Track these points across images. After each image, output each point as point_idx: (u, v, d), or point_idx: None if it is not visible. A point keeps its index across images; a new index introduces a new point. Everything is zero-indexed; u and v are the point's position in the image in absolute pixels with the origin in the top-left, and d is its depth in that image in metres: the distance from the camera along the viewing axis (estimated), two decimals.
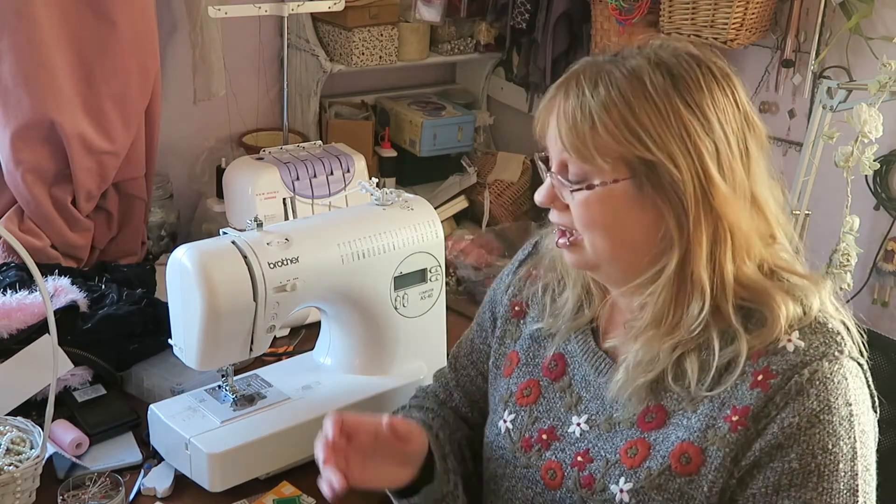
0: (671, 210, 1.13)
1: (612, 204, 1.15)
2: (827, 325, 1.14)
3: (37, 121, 1.94)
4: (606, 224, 1.16)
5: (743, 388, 1.13)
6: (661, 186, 1.12)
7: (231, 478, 1.48)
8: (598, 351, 1.27)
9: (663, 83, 1.12)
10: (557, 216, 1.21)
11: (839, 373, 1.12)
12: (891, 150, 2.04)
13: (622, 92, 1.12)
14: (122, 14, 1.97)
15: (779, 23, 2.18)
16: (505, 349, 1.39)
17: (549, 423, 1.29)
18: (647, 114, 1.11)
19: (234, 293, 1.44)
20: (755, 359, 1.13)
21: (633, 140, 1.11)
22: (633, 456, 1.18)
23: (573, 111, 1.14)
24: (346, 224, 1.61)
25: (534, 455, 1.28)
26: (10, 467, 1.36)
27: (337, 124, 2.61)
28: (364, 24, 2.45)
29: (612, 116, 1.11)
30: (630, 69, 1.13)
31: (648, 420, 1.19)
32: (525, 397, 1.32)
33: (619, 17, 2.23)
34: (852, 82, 1.99)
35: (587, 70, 1.16)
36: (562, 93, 1.16)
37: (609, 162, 1.13)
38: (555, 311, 1.33)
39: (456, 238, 2.39)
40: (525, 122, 2.82)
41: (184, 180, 2.47)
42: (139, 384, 1.73)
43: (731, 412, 1.13)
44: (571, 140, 1.14)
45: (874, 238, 2.11)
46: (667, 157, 1.11)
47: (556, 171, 1.19)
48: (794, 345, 1.12)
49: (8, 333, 1.63)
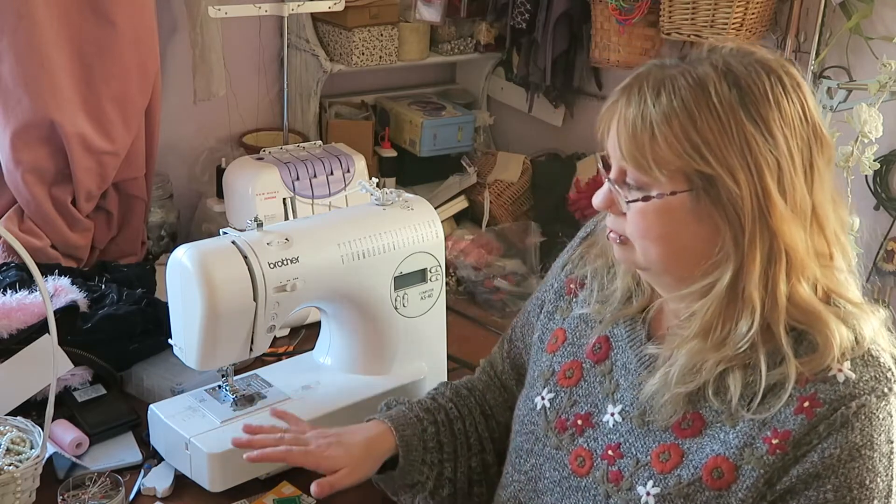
0: (728, 225, 1.11)
1: (668, 216, 1.13)
2: (879, 360, 1.12)
3: (37, 121, 1.94)
4: (661, 235, 1.14)
5: (787, 411, 1.11)
6: (719, 201, 1.10)
7: (231, 478, 1.48)
8: (644, 343, 1.26)
9: (728, 95, 1.09)
10: (613, 221, 1.20)
11: (885, 409, 1.10)
12: (891, 150, 2.04)
13: (685, 102, 1.09)
14: (122, 14, 1.97)
15: (779, 23, 2.18)
16: (553, 325, 1.38)
17: (586, 408, 1.28)
18: (709, 127, 1.08)
19: (234, 293, 1.44)
20: (803, 384, 1.11)
21: (693, 153, 1.09)
22: (664, 461, 1.17)
23: (634, 120, 1.11)
24: (346, 224, 1.61)
25: (566, 438, 1.28)
26: (10, 467, 1.36)
27: (337, 124, 2.61)
28: (364, 24, 2.45)
29: (673, 128, 1.09)
30: (696, 78, 1.10)
31: (684, 427, 1.17)
32: (567, 378, 1.32)
33: (620, 17, 2.23)
34: (852, 82, 1.99)
35: (651, 76, 1.12)
36: (624, 98, 1.13)
37: (667, 174, 1.10)
38: (603, 297, 1.32)
39: (456, 238, 2.39)
40: (525, 122, 2.82)
41: (184, 180, 2.47)
42: (139, 384, 1.73)
43: (772, 434, 1.11)
44: (630, 150, 1.12)
45: (874, 238, 2.11)
46: (726, 171, 1.08)
47: (615, 179, 1.16)
48: (845, 375, 1.10)
49: (8, 333, 1.63)
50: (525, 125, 2.84)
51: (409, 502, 1.43)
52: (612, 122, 1.15)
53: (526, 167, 2.67)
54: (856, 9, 2.01)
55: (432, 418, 1.44)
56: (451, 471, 1.43)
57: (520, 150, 2.79)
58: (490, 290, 2.21)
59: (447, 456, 1.43)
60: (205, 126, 2.48)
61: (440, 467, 1.42)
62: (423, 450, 1.41)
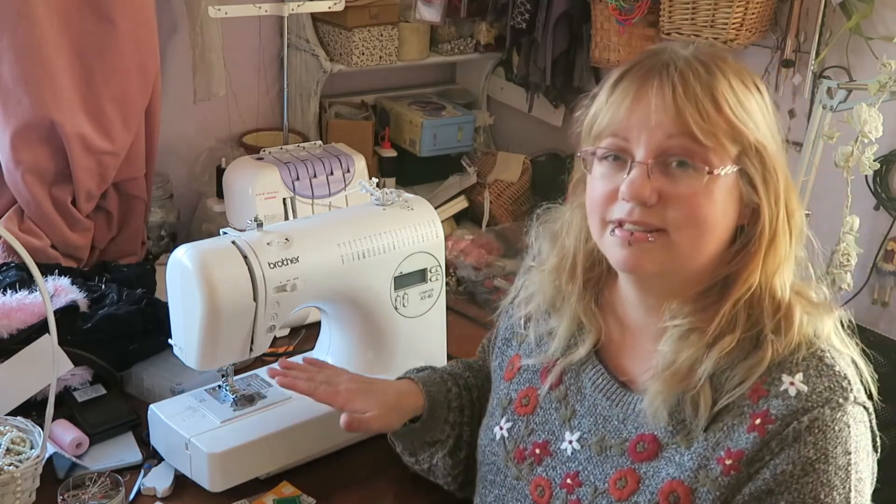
0: (767, 201, 1.11)
1: (723, 194, 1.11)
2: (834, 368, 1.11)
3: (37, 121, 1.94)
4: (713, 215, 1.11)
5: (740, 430, 1.10)
6: (766, 175, 1.11)
7: (231, 478, 1.48)
8: (597, 364, 1.25)
9: (744, 72, 1.13)
10: (643, 214, 1.11)
11: (841, 420, 1.08)
12: (891, 150, 2.04)
13: (730, 76, 1.11)
14: (122, 14, 1.97)
15: (779, 23, 2.18)
16: (511, 351, 1.38)
17: (543, 436, 1.27)
18: (752, 100, 1.12)
19: (234, 293, 1.44)
20: (755, 399, 1.10)
21: (750, 122, 1.10)
22: (621, 488, 1.16)
23: (695, 92, 1.08)
24: (346, 224, 1.61)
25: (525, 468, 1.27)
26: (10, 467, 1.36)
27: (337, 124, 2.61)
28: (364, 24, 2.45)
29: (731, 98, 1.09)
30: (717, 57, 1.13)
31: (640, 450, 1.16)
32: (523, 406, 1.31)
33: (620, 17, 2.23)
34: (852, 82, 1.99)
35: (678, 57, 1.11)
36: (665, 77, 1.10)
37: (728, 146, 1.10)
38: (541, 344, 1.31)
39: (456, 238, 2.39)
40: (525, 122, 2.82)
41: (184, 180, 2.47)
42: (139, 384, 1.73)
43: (725, 454, 1.10)
44: (696, 121, 1.08)
45: (874, 238, 2.11)
46: (773, 142, 1.12)
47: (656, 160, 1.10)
48: (797, 388, 1.09)
49: (8, 333, 1.63)
50: (525, 125, 2.84)
51: (428, 461, 1.44)
52: (653, 101, 1.10)
53: (526, 167, 2.67)
54: (856, 9, 2.01)
55: (455, 382, 1.47)
56: (469, 434, 1.44)
57: (520, 150, 2.79)
58: (490, 290, 2.21)
59: (466, 419, 1.45)
60: (205, 126, 2.48)
61: (460, 429, 1.44)
62: (447, 409, 1.43)
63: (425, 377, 1.47)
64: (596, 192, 1.16)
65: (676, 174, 1.10)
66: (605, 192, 1.14)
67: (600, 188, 1.15)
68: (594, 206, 1.17)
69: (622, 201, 1.12)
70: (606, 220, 1.15)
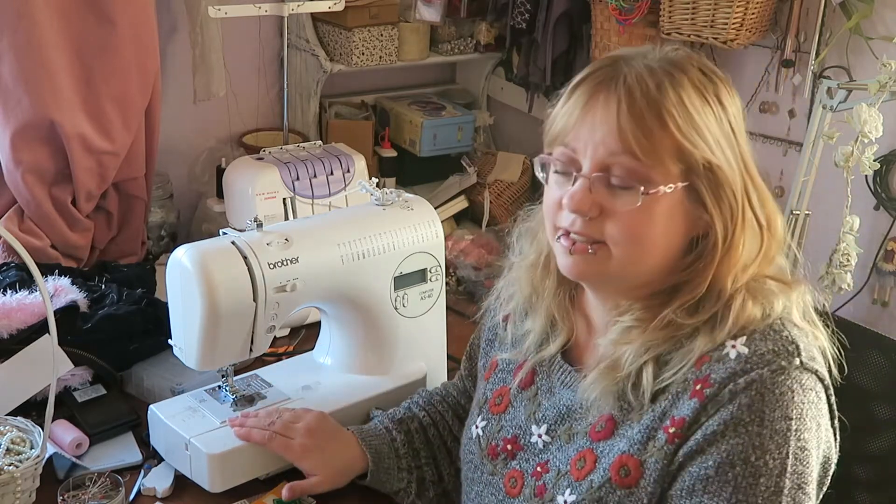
0: (719, 216, 1.10)
1: (666, 212, 1.10)
2: (781, 333, 1.09)
3: (37, 121, 1.94)
4: (652, 233, 1.10)
5: (684, 398, 1.10)
6: (718, 191, 1.09)
7: (231, 478, 1.48)
8: (563, 364, 1.26)
9: (708, 84, 1.10)
10: (584, 226, 1.12)
11: (784, 384, 1.06)
12: (891, 150, 2.04)
13: (684, 91, 1.08)
14: (122, 14, 1.97)
15: (779, 23, 2.18)
16: (493, 353, 1.40)
17: (512, 431, 1.29)
18: (706, 114, 1.09)
19: (234, 293, 1.44)
20: (699, 366, 1.10)
21: (700, 141, 1.08)
22: (580, 468, 1.17)
23: (640, 108, 1.07)
24: (346, 224, 1.61)
25: (499, 463, 1.29)
26: (10, 467, 1.36)
27: (337, 124, 2.61)
28: (364, 24, 2.45)
29: (682, 116, 1.07)
30: (679, 68, 1.10)
31: (598, 430, 1.17)
32: (497, 405, 1.33)
33: (620, 17, 2.23)
34: (852, 82, 1.99)
35: (631, 69, 1.09)
36: (612, 89, 1.09)
37: (671, 165, 1.08)
38: (517, 340, 1.32)
39: (456, 238, 2.39)
40: (525, 123, 2.82)
41: (184, 180, 2.47)
42: (139, 384, 1.73)
43: (670, 423, 1.10)
44: (638, 139, 1.07)
45: (874, 238, 2.11)
46: (725, 160, 1.09)
47: (597, 177, 1.10)
48: (738, 351, 1.08)
49: (8, 333, 1.63)
50: (525, 125, 2.84)
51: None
52: (599, 114, 1.09)
53: (526, 167, 2.67)
54: (856, 9, 2.01)
55: (403, 427, 1.48)
56: (434, 474, 1.47)
57: (520, 150, 2.79)
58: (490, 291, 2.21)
59: (425, 461, 1.47)
60: (205, 126, 2.48)
61: (419, 472, 1.46)
62: (396, 457, 1.45)
63: (367, 430, 1.48)
64: (548, 198, 1.18)
65: (616, 191, 1.10)
66: (556, 200, 1.15)
67: (551, 195, 1.17)
68: (547, 212, 1.18)
69: (567, 211, 1.13)
70: (556, 225, 1.16)
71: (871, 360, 1.45)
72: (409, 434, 1.48)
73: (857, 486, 1.46)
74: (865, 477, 1.46)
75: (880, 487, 1.49)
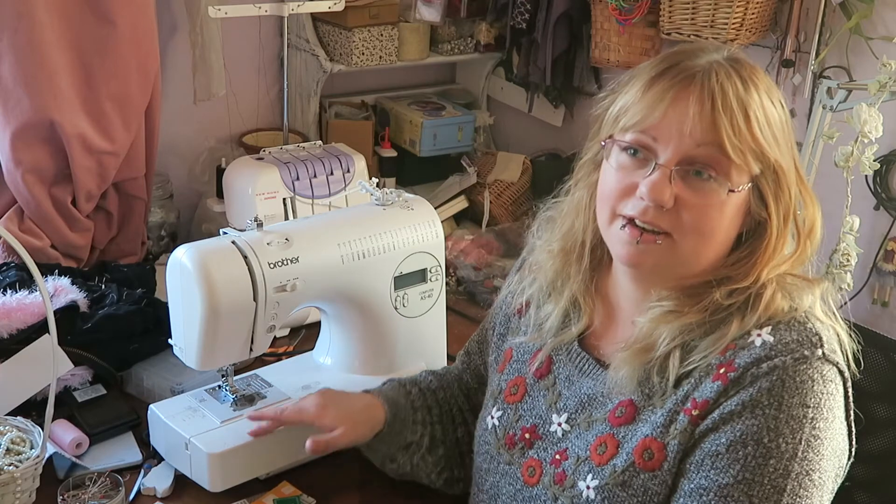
0: (777, 215, 1.14)
1: (735, 206, 1.13)
2: (806, 325, 1.12)
3: (37, 121, 1.94)
4: (720, 227, 1.14)
5: (706, 381, 1.12)
6: (778, 192, 1.13)
7: (231, 478, 1.48)
8: (580, 352, 1.27)
9: (773, 87, 1.14)
10: (656, 216, 1.12)
11: (805, 373, 1.08)
12: (891, 150, 2.04)
13: (761, 94, 1.11)
14: (122, 14, 1.97)
15: (779, 23, 2.18)
16: (505, 345, 1.40)
17: (531, 421, 1.29)
18: (779, 117, 1.12)
19: (234, 293, 1.44)
20: (723, 352, 1.12)
21: (773, 142, 1.11)
22: (601, 453, 1.18)
23: (733, 103, 1.09)
24: (346, 224, 1.61)
25: (516, 453, 1.29)
26: (10, 467, 1.36)
27: (337, 124, 2.61)
28: (364, 24, 2.45)
29: (763, 117, 1.11)
30: (749, 70, 1.13)
31: (618, 415, 1.18)
32: (512, 395, 1.33)
33: (619, 17, 2.23)
34: (852, 82, 1.99)
35: (712, 66, 1.11)
36: (704, 86, 1.10)
37: (752, 163, 1.11)
38: (538, 322, 1.32)
39: (456, 238, 2.39)
40: (525, 122, 2.82)
41: (184, 180, 2.48)
42: (139, 384, 1.73)
43: (692, 405, 1.12)
44: (729, 136, 1.09)
45: (874, 238, 2.11)
46: (787, 162, 1.13)
47: (679, 167, 1.11)
48: (763, 339, 1.11)
49: (8, 333, 1.63)
50: (525, 125, 2.84)
51: (409, 463, 1.45)
52: (692, 108, 1.10)
53: (526, 167, 2.67)
54: (856, 9, 2.01)
55: (415, 384, 1.50)
56: (442, 434, 1.47)
57: (520, 150, 2.79)
58: (490, 290, 2.21)
59: (436, 418, 1.47)
60: (205, 126, 2.48)
61: (431, 428, 1.46)
62: (412, 409, 1.45)
63: (384, 388, 1.50)
64: (611, 182, 1.17)
65: (694, 183, 1.12)
66: (622, 186, 1.15)
67: (616, 179, 1.16)
68: (606, 196, 1.18)
69: (638, 199, 1.13)
70: (617, 212, 1.16)
71: (870, 360, 1.45)
72: (423, 392, 1.49)
73: (856, 486, 1.47)
74: (864, 476, 1.46)
75: (879, 487, 1.49)
